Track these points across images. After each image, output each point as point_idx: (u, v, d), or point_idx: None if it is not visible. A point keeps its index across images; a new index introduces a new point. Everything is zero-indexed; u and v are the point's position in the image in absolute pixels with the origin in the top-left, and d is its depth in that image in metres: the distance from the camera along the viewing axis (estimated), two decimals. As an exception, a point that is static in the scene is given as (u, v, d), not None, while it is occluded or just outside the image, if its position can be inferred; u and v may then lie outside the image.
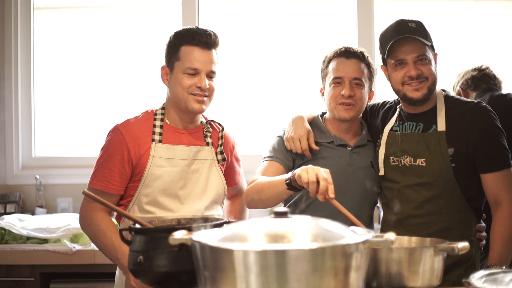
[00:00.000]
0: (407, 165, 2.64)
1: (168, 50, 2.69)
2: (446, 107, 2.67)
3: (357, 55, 2.75)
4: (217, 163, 2.74)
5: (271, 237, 1.59)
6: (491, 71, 3.93)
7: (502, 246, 2.51)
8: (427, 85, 2.62)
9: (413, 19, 2.66)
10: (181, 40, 2.64)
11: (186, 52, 2.62)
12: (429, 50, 2.62)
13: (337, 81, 2.72)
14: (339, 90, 2.71)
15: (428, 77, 2.62)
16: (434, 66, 2.65)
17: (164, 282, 1.92)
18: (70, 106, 4.60)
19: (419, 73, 2.61)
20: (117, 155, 2.61)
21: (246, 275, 1.53)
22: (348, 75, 2.71)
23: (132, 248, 1.98)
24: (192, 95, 2.62)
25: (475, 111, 2.64)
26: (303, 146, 2.69)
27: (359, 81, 2.72)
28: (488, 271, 1.65)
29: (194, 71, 2.62)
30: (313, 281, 1.53)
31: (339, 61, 2.75)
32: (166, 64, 2.69)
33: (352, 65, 2.73)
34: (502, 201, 2.57)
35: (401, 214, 2.65)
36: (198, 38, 2.62)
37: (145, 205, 2.61)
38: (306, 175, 2.24)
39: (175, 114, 2.70)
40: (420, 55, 2.60)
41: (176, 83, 2.63)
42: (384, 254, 1.87)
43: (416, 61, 2.61)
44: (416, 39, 2.58)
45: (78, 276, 3.62)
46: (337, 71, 2.73)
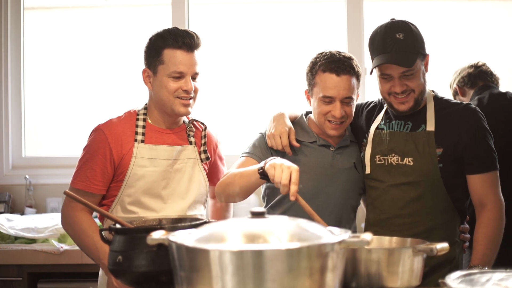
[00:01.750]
0: (394, 164, 2.64)
1: (149, 53, 2.65)
2: (435, 108, 2.66)
3: (348, 71, 2.64)
4: (200, 163, 2.74)
5: (248, 237, 1.59)
6: (487, 68, 3.89)
7: (486, 247, 2.51)
8: (413, 97, 2.60)
9: (403, 25, 2.59)
10: (164, 43, 2.61)
11: (170, 56, 2.60)
12: (417, 60, 2.56)
13: (327, 100, 2.65)
14: (329, 108, 2.65)
15: (415, 89, 2.59)
16: (423, 74, 2.62)
17: (143, 282, 1.93)
18: (60, 106, 4.60)
19: (404, 89, 2.58)
20: (99, 155, 2.60)
21: (222, 275, 1.54)
22: (339, 95, 2.63)
23: (112, 248, 1.98)
24: (178, 99, 2.61)
25: (464, 112, 2.64)
26: (283, 142, 2.66)
27: (350, 99, 2.67)
28: (465, 272, 1.65)
29: (179, 74, 2.60)
30: (289, 281, 1.53)
31: (330, 78, 2.64)
32: (147, 66, 2.66)
33: (343, 83, 2.63)
34: (487, 203, 2.57)
35: (386, 214, 2.65)
36: (182, 40, 2.60)
37: (128, 205, 2.61)
38: (280, 175, 2.20)
39: (158, 114, 2.69)
40: (406, 71, 2.55)
41: (162, 87, 2.61)
42: (363, 255, 1.87)
43: (402, 76, 2.57)
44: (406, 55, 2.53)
45: (65, 276, 3.61)
46: (327, 89, 2.64)
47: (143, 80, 2.68)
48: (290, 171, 2.20)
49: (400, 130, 2.67)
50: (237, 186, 2.51)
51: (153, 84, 2.65)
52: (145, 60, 2.67)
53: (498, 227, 2.56)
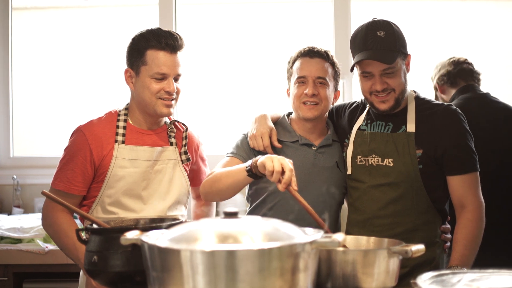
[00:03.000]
0: (374, 165, 2.64)
1: (131, 53, 2.65)
2: (416, 109, 2.67)
3: (321, 55, 2.75)
4: (181, 163, 2.73)
5: (219, 237, 1.60)
6: (468, 66, 3.82)
7: (465, 248, 2.51)
8: (394, 97, 2.61)
9: (384, 24, 2.60)
10: (147, 43, 2.60)
11: (153, 57, 2.59)
12: (398, 58, 2.58)
13: (301, 80, 2.72)
14: (303, 89, 2.71)
15: (395, 88, 2.60)
16: (404, 73, 2.63)
17: (118, 282, 1.93)
18: (49, 106, 4.60)
19: (385, 87, 2.59)
20: (80, 156, 2.60)
21: (193, 275, 1.54)
22: (311, 74, 2.71)
23: (87, 248, 1.98)
24: (160, 100, 2.61)
25: (445, 113, 2.64)
26: (264, 143, 2.68)
27: (323, 80, 2.72)
28: (437, 272, 1.65)
29: (162, 75, 2.60)
30: (260, 281, 1.53)
31: (303, 60, 2.75)
32: (130, 66, 2.65)
33: (316, 64, 2.73)
34: (467, 204, 2.57)
35: (366, 214, 2.65)
36: (165, 42, 2.59)
37: (108, 205, 2.61)
38: (271, 163, 2.24)
39: (139, 115, 2.69)
40: (386, 68, 2.57)
41: (144, 87, 2.61)
42: (338, 256, 1.87)
43: (383, 74, 2.58)
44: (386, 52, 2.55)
45: (51, 276, 3.62)
46: (301, 70, 2.73)
47: (125, 80, 2.68)
48: (288, 161, 2.26)
49: (381, 131, 2.67)
50: (224, 184, 2.54)
51: (135, 85, 2.64)
52: (127, 60, 2.67)
53: (478, 228, 2.56)
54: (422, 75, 4.37)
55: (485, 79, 4.37)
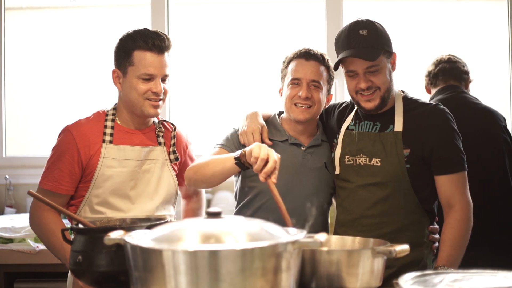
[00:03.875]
0: (362, 165, 2.64)
1: (119, 54, 2.65)
2: (404, 108, 2.67)
3: (316, 58, 2.74)
4: (169, 163, 2.74)
5: (202, 237, 1.60)
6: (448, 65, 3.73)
7: (452, 248, 2.51)
8: (379, 95, 2.61)
9: (367, 23, 2.62)
10: (134, 44, 2.60)
11: (140, 57, 2.59)
12: (382, 56, 2.59)
13: (295, 82, 2.72)
14: (297, 91, 2.71)
15: (380, 87, 2.61)
16: (389, 71, 2.63)
17: (103, 282, 1.93)
18: (41, 106, 4.60)
19: (369, 85, 2.60)
20: (67, 156, 2.60)
21: (175, 275, 1.54)
22: (306, 77, 2.71)
23: (72, 248, 1.99)
24: (147, 100, 2.61)
25: (432, 113, 2.64)
26: (255, 139, 2.68)
27: (317, 84, 2.72)
28: (420, 273, 1.65)
29: (149, 76, 2.60)
30: (241, 281, 1.53)
31: (299, 62, 2.74)
32: (117, 67, 2.65)
33: (311, 67, 2.72)
34: (454, 203, 2.57)
35: (354, 214, 2.65)
36: (152, 42, 2.59)
37: (95, 205, 2.61)
38: (258, 151, 2.26)
39: (127, 115, 2.69)
40: (370, 66, 2.58)
41: (131, 88, 2.61)
42: (322, 256, 1.87)
43: (367, 72, 2.59)
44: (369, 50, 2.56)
45: (42, 276, 3.61)
46: (295, 72, 2.73)
47: (113, 80, 2.68)
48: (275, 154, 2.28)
49: (369, 131, 2.67)
50: (210, 170, 2.54)
51: (122, 85, 2.65)
52: (115, 60, 2.67)
53: (465, 228, 2.56)
54: (413, 75, 4.39)
55: (480, 78, 4.39)
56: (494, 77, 4.43)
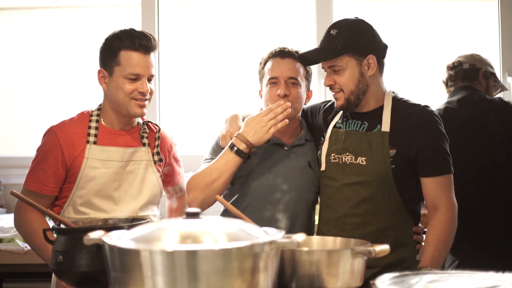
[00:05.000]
0: (348, 163, 2.64)
1: (105, 53, 2.65)
2: (392, 108, 2.66)
3: (292, 55, 2.75)
4: (153, 164, 2.74)
5: (180, 237, 1.60)
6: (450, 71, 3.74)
7: (435, 249, 2.51)
8: (343, 97, 2.62)
9: (343, 23, 2.63)
10: (120, 44, 2.61)
11: (127, 57, 2.60)
12: (345, 58, 2.58)
13: (272, 81, 2.73)
14: (275, 90, 2.71)
15: (343, 88, 2.61)
16: (360, 74, 2.60)
17: (83, 282, 1.94)
18: (32, 106, 4.59)
19: (331, 83, 2.63)
20: (51, 156, 2.60)
21: (152, 275, 1.54)
22: (283, 75, 2.72)
23: (54, 248, 1.99)
24: (134, 100, 2.62)
25: (420, 114, 2.64)
26: None
27: (295, 80, 2.73)
28: (398, 273, 1.65)
29: (136, 76, 2.61)
30: (219, 281, 1.54)
31: (274, 61, 2.75)
32: (103, 67, 2.65)
33: (287, 64, 2.73)
34: (439, 206, 2.57)
35: (338, 213, 2.65)
36: (138, 42, 2.60)
37: (79, 206, 2.61)
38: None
39: (112, 115, 2.69)
40: (331, 65, 2.61)
41: (117, 88, 2.61)
42: (302, 256, 1.87)
43: (331, 71, 2.62)
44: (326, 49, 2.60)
45: (30, 276, 3.60)
46: (272, 71, 2.74)
47: (98, 80, 2.68)
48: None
49: (356, 130, 2.67)
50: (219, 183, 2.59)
51: (108, 85, 2.65)
52: (100, 60, 2.67)
53: (450, 230, 2.56)
54: (405, 74, 4.40)
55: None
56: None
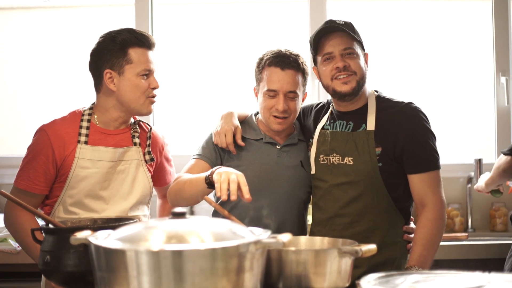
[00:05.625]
0: (335, 164, 2.65)
1: (111, 54, 2.63)
2: (377, 107, 2.67)
3: (292, 66, 2.69)
4: (144, 164, 2.74)
5: (165, 237, 1.60)
6: None
7: (423, 248, 2.51)
8: (355, 79, 2.62)
9: (344, 20, 2.67)
10: (127, 43, 2.62)
11: (138, 54, 2.63)
12: (357, 45, 2.64)
13: (271, 94, 2.69)
14: (273, 103, 2.69)
15: (356, 72, 2.62)
16: (364, 63, 2.66)
17: (71, 282, 1.94)
18: (27, 105, 4.59)
19: (346, 65, 2.61)
20: (42, 156, 2.61)
21: (138, 275, 1.54)
22: (283, 89, 2.68)
23: (41, 248, 2.00)
24: (149, 98, 2.66)
25: (405, 111, 2.64)
26: (227, 140, 2.69)
27: (294, 93, 2.70)
28: (383, 273, 1.66)
29: (149, 72, 2.64)
30: (204, 281, 1.54)
31: (274, 72, 2.69)
32: (110, 68, 2.63)
33: (288, 77, 2.68)
34: (427, 202, 2.57)
35: (328, 213, 2.66)
36: (144, 40, 2.65)
37: (69, 206, 2.61)
38: (219, 178, 2.27)
39: (111, 115, 2.69)
40: (347, 47, 2.61)
41: (132, 86, 2.62)
42: (288, 256, 1.87)
43: (344, 55, 2.62)
44: (343, 32, 2.61)
45: (23, 275, 3.60)
46: (272, 83, 2.69)
47: (105, 81, 2.65)
48: (237, 175, 2.27)
49: (342, 130, 2.68)
50: (187, 193, 2.56)
51: (118, 85, 2.64)
52: (106, 61, 2.65)
53: (437, 227, 2.56)
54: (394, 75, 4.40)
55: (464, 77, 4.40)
56: (479, 76, 4.44)
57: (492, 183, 3.17)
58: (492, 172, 3.14)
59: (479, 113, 4.43)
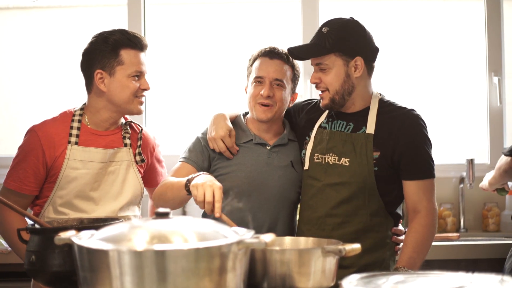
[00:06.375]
0: (331, 164, 2.64)
1: (103, 54, 2.64)
2: (378, 110, 2.66)
3: (281, 56, 2.74)
4: (135, 165, 2.74)
5: (148, 238, 1.60)
6: None
7: (413, 250, 2.52)
8: (328, 96, 2.62)
9: (335, 22, 2.64)
10: (120, 44, 2.63)
11: (131, 56, 2.64)
12: (332, 57, 2.59)
13: (258, 80, 2.73)
14: (259, 90, 2.71)
15: (328, 88, 2.61)
16: (346, 75, 2.60)
17: (56, 282, 1.95)
18: (19, 105, 4.59)
19: (317, 82, 2.63)
20: (32, 156, 2.61)
21: (120, 276, 1.55)
22: (269, 75, 2.71)
23: (27, 248, 2.00)
24: (137, 98, 2.67)
25: (405, 117, 2.63)
26: (225, 145, 2.70)
27: (280, 82, 2.72)
28: (366, 274, 1.66)
29: (140, 74, 2.66)
30: (186, 281, 1.55)
31: (263, 61, 2.74)
32: (101, 68, 2.64)
33: (275, 65, 2.72)
34: (420, 209, 2.57)
35: (318, 212, 2.65)
36: (137, 41, 2.66)
37: (59, 206, 2.62)
38: (196, 192, 2.30)
39: (102, 116, 2.69)
40: (318, 63, 2.61)
41: (122, 87, 2.63)
42: (273, 255, 1.87)
43: (318, 69, 2.62)
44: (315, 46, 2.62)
45: (14, 275, 3.59)
46: (259, 70, 2.73)
47: (96, 82, 2.66)
48: (213, 189, 2.27)
49: (341, 130, 2.67)
50: (169, 197, 2.58)
51: (109, 86, 2.65)
52: (97, 62, 2.66)
53: (429, 233, 2.57)
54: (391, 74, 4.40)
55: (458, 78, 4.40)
56: (471, 76, 4.44)
57: (495, 183, 3.20)
58: (494, 172, 3.16)
59: (471, 113, 4.43)
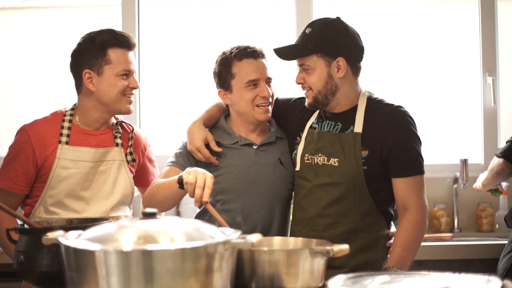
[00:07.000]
0: (320, 164, 2.64)
1: (91, 54, 2.65)
2: (366, 109, 2.66)
3: (262, 54, 2.74)
4: (126, 164, 2.75)
5: (134, 238, 1.60)
6: None
7: (403, 250, 2.52)
8: (312, 95, 2.63)
9: (318, 22, 2.65)
10: (107, 43, 2.64)
11: (118, 55, 2.65)
12: (314, 58, 2.60)
13: (253, 83, 2.70)
14: (255, 92, 2.69)
15: (312, 87, 2.62)
16: (328, 75, 2.60)
17: (45, 282, 1.95)
18: (14, 105, 4.60)
19: (301, 82, 2.65)
20: (22, 155, 2.62)
21: (107, 276, 1.55)
22: (263, 76, 2.70)
23: (16, 248, 2.00)
24: (125, 97, 2.67)
25: (392, 115, 2.63)
26: (205, 155, 2.68)
27: (271, 80, 2.75)
28: (353, 274, 1.66)
29: (128, 72, 2.66)
30: (173, 281, 1.55)
31: (249, 63, 2.70)
32: (89, 68, 2.65)
33: (263, 64, 2.72)
34: (410, 206, 2.57)
35: (309, 213, 2.65)
36: (124, 40, 2.66)
37: (50, 206, 2.62)
38: (187, 177, 2.29)
39: (92, 115, 2.70)
40: (301, 64, 2.63)
41: (110, 86, 2.64)
42: (261, 256, 1.88)
43: (302, 69, 2.63)
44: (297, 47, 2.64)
45: (6, 276, 3.59)
46: (251, 74, 2.69)
47: (85, 82, 2.66)
48: (205, 177, 2.27)
49: (330, 131, 2.67)
50: (161, 196, 2.57)
51: (97, 85, 2.65)
52: (85, 62, 2.66)
53: (419, 231, 2.57)
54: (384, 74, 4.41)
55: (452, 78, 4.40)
56: (465, 76, 4.45)
57: (488, 184, 3.21)
58: (487, 174, 3.17)
59: (465, 113, 4.43)
